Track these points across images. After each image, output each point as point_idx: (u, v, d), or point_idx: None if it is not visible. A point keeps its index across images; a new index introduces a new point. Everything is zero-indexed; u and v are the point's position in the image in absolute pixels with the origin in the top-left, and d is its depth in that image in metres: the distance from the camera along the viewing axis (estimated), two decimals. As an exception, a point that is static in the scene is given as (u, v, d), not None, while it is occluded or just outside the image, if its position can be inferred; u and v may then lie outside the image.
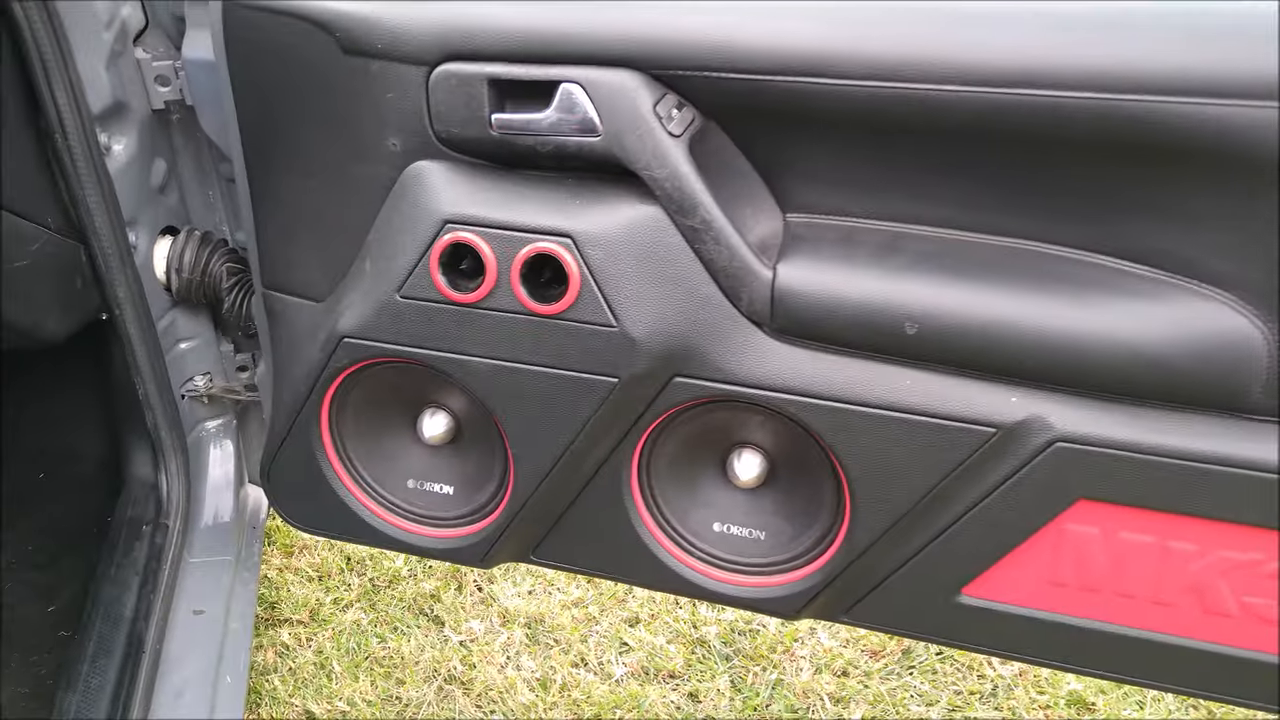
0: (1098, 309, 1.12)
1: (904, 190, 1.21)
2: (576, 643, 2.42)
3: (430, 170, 1.28)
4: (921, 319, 1.15)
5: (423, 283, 1.29)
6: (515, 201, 1.25)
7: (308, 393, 1.46)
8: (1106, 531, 1.20)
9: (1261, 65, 0.97)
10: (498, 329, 1.29)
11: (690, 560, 1.43)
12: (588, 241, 1.21)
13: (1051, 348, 1.13)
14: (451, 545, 1.53)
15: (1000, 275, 1.15)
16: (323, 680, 2.37)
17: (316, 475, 1.54)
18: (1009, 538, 1.23)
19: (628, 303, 1.22)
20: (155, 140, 1.80)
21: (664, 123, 1.16)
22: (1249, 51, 0.98)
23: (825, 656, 2.35)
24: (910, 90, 1.07)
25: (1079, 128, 1.04)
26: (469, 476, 1.52)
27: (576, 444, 1.34)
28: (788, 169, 1.24)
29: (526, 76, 1.20)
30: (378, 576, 2.65)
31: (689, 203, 1.17)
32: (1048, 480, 1.18)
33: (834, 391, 1.21)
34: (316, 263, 1.43)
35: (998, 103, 1.05)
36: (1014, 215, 1.17)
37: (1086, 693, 2.25)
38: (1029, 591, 1.27)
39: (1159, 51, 1.01)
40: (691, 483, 1.41)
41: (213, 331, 2.04)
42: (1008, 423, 1.16)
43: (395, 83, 1.25)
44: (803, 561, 1.38)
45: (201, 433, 2.13)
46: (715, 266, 1.20)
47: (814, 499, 1.35)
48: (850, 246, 1.21)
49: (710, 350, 1.24)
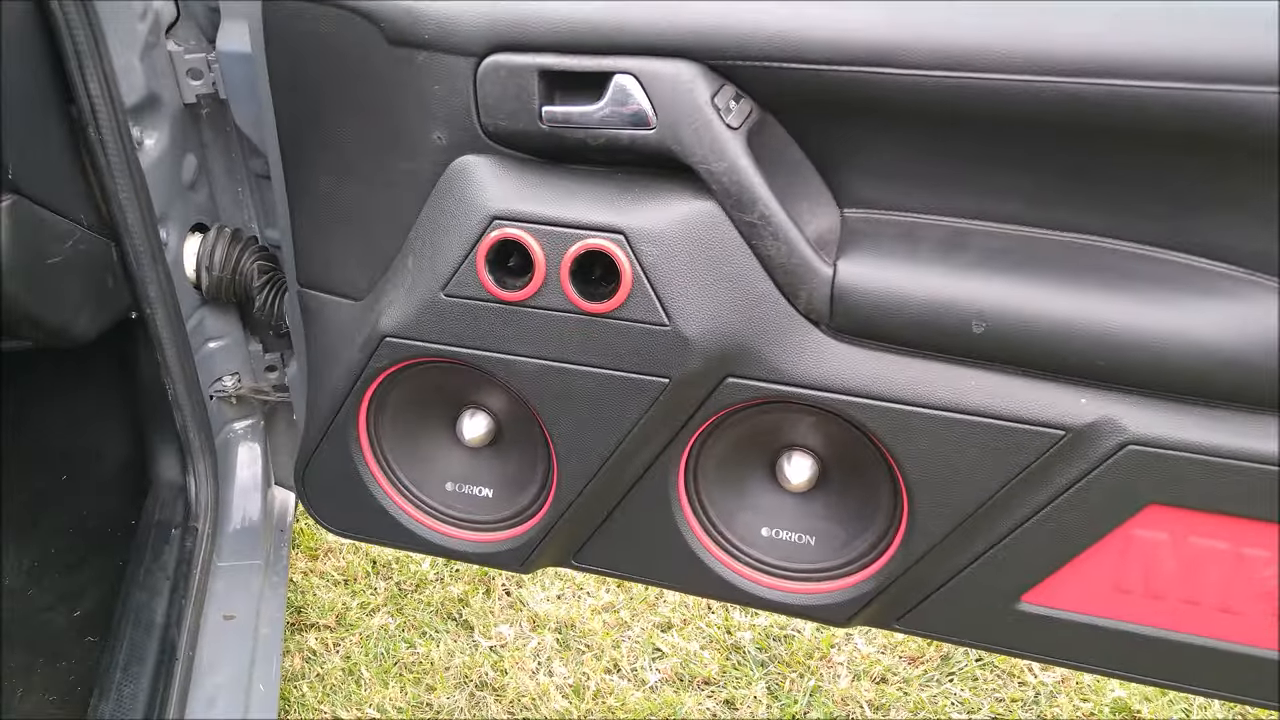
0: (1171, 307, 1.08)
1: (969, 185, 1.17)
2: (609, 649, 2.38)
3: (477, 165, 1.24)
4: (990, 317, 1.11)
5: (468, 281, 1.26)
6: (565, 197, 1.21)
7: (346, 393, 1.42)
8: (1176, 537, 1.16)
9: None
10: (546, 328, 1.25)
11: (737, 565, 1.40)
12: (641, 238, 1.18)
13: (1124, 347, 1.09)
14: (491, 549, 1.50)
15: (1070, 273, 1.11)
16: (351, 686, 2.33)
17: (353, 478, 1.50)
18: (1074, 544, 1.19)
19: (681, 301, 1.19)
20: (186, 135, 1.77)
21: (722, 115, 1.12)
22: None
23: (863, 663, 2.31)
24: (979, 80, 1.03)
25: (1153, 119, 1.00)
26: (509, 479, 1.48)
27: (624, 446, 1.30)
28: (847, 162, 1.21)
29: (578, 68, 1.16)
30: (404, 580, 2.62)
31: (747, 197, 1.14)
32: (1118, 484, 1.14)
33: (895, 392, 1.18)
34: (355, 260, 1.39)
35: (1069, 93, 1.01)
36: (1084, 211, 1.13)
37: (1131, 700, 2.20)
38: (1092, 599, 1.24)
39: (1236, 39, 0.97)
40: (740, 486, 1.38)
41: (241, 331, 2.01)
42: (1078, 425, 1.12)
43: (442, 74, 1.21)
44: (856, 567, 1.34)
45: (229, 434, 2.10)
46: (773, 263, 1.16)
47: (868, 503, 1.31)
48: (913, 243, 1.17)
49: (765, 350, 1.20)
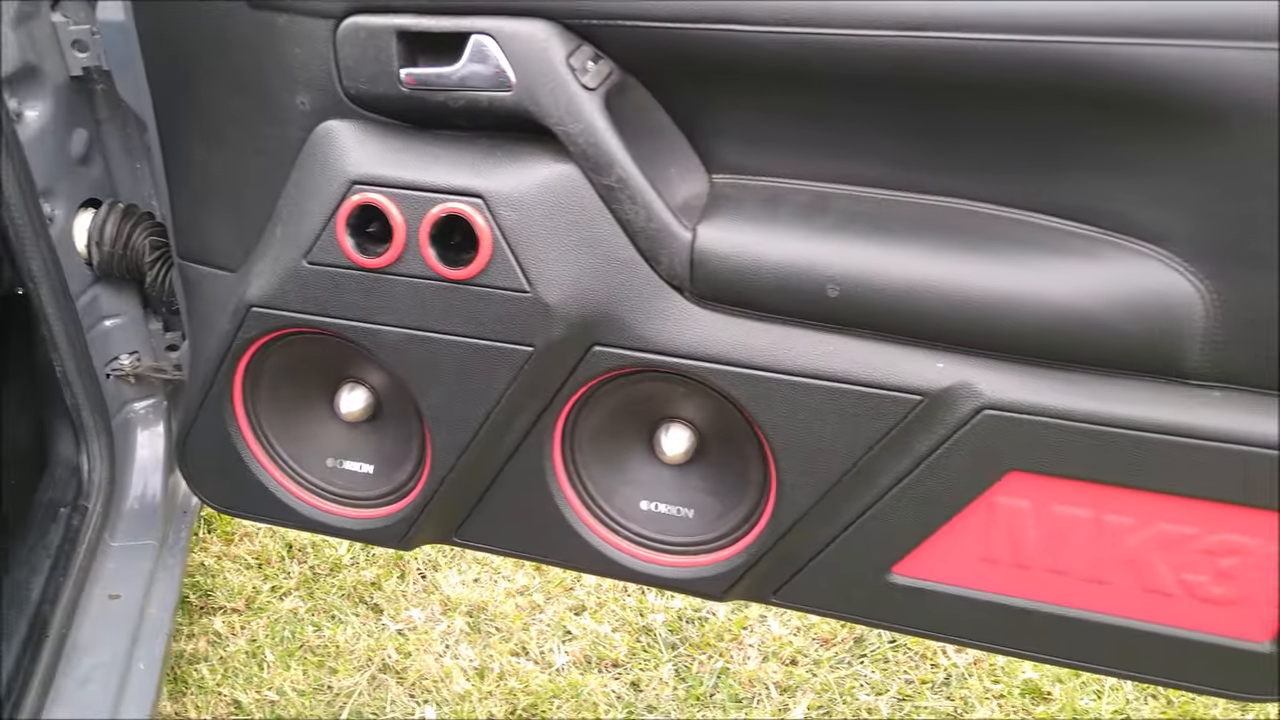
0: (1028, 269, 1.07)
1: (832, 149, 1.16)
2: (518, 631, 2.36)
3: (339, 130, 1.22)
4: (844, 281, 1.10)
5: (330, 248, 1.23)
6: (426, 161, 1.19)
7: (218, 366, 1.40)
8: (1039, 505, 1.16)
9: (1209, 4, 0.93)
10: (408, 296, 1.23)
11: (616, 540, 1.38)
12: (500, 201, 1.16)
13: (979, 310, 1.08)
14: (370, 526, 1.48)
15: (927, 235, 1.11)
16: (254, 669, 2.30)
17: (231, 453, 1.48)
18: (939, 513, 1.19)
19: (542, 266, 1.17)
20: (74, 108, 1.73)
21: (578, 75, 1.10)
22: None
23: (774, 644, 2.30)
24: (826, 37, 1.02)
25: (1002, 75, 1.00)
26: (388, 454, 1.46)
27: (494, 417, 1.28)
28: (712, 127, 1.19)
29: (436, 28, 1.14)
30: (319, 564, 2.59)
31: (604, 159, 1.12)
32: (977, 451, 1.13)
33: (755, 359, 1.16)
34: (229, 231, 1.37)
35: (916, 48, 1.00)
36: (944, 173, 1.12)
37: (1042, 681, 2.21)
38: (961, 570, 1.23)
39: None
40: (618, 459, 1.36)
41: (141, 309, 1.98)
42: (934, 390, 1.11)
43: (302, 37, 1.19)
44: (730, 540, 1.33)
45: (129, 414, 2.06)
46: (633, 227, 1.15)
47: (741, 474, 1.30)
48: (774, 207, 1.16)
49: (629, 317, 1.18)
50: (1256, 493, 1.08)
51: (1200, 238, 1.02)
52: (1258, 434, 1.05)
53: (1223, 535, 1.12)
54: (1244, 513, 1.10)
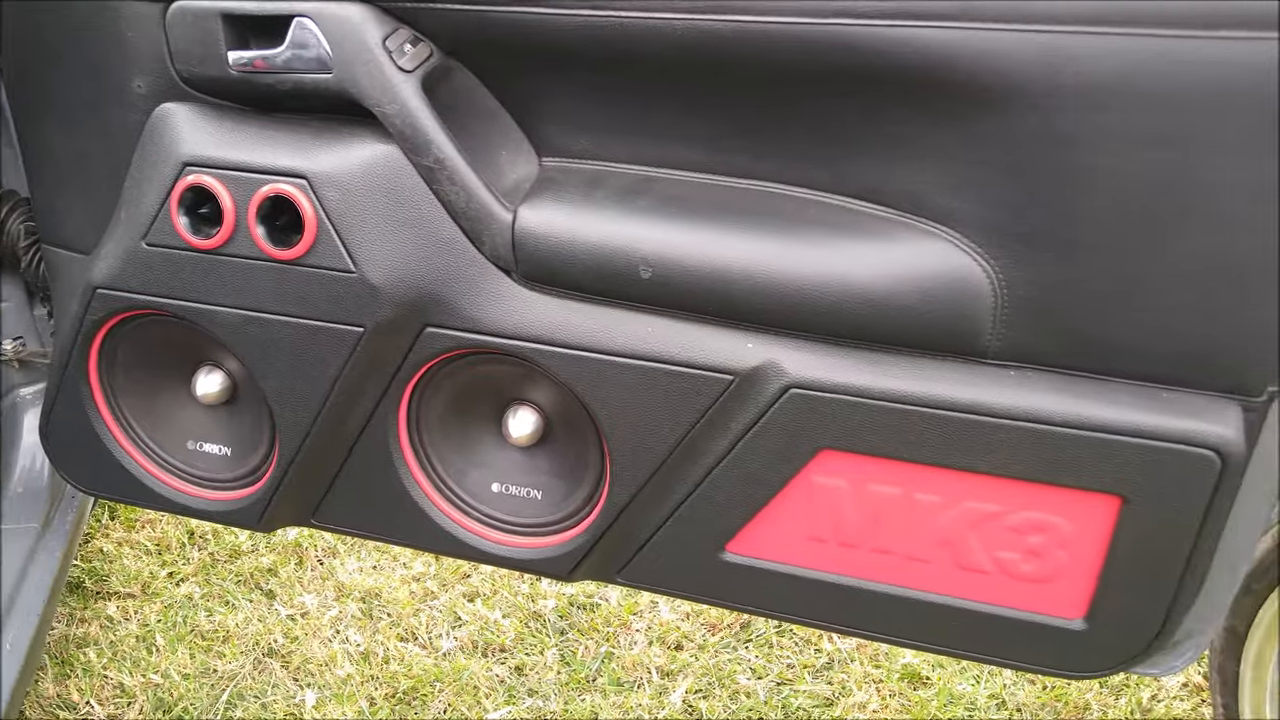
0: (827, 250, 1.10)
1: (651, 132, 1.18)
2: (408, 616, 2.37)
3: (174, 112, 1.23)
4: (656, 263, 1.13)
5: (165, 229, 1.25)
6: (255, 143, 1.20)
7: (71, 347, 1.40)
8: (855, 484, 1.18)
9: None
10: (240, 277, 1.24)
11: (467, 522, 1.40)
12: (323, 182, 1.17)
13: (782, 291, 1.10)
14: (227, 508, 1.48)
15: (733, 218, 1.13)
16: (142, 653, 2.30)
17: (91, 435, 1.48)
18: (760, 491, 1.21)
19: (367, 246, 1.18)
20: (-56, 94, 1.73)
21: (394, 57, 1.12)
22: None
23: (661, 629, 2.33)
24: (619, 19, 1.05)
25: (786, 58, 1.02)
26: (244, 437, 1.47)
27: (334, 399, 1.30)
28: (539, 111, 1.21)
29: (259, 11, 1.16)
30: (218, 550, 2.59)
31: (421, 140, 1.14)
32: (788, 429, 1.16)
33: (580, 340, 1.18)
34: (83, 214, 1.37)
35: (716, 30, 1.03)
36: (753, 156, 1.15)
37: (921, 666, 2.24)
38: (790, 548, 1.25)
39: None
40: (468, 441, 1.38)
41: (25, 295, 1.97)
42: (744, 369, 1.14)
43: (135, 20, 1.20)
44: (574, 521, 1.35)
45: (15, 399, 2.06)
46: (454, 208, 1.17)
47: (582, 456, 1.32)
48: (593, 188, 1.18)
49: (458, 298, 1.20)
50: (1056, 470, 1.11)
51: (984, 219, 1.05)
52: (1050, 411, 1.08)
53: (1029, 513, 1.15)
54: (1048, 490, 1.13)
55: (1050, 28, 0.94)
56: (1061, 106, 0.97)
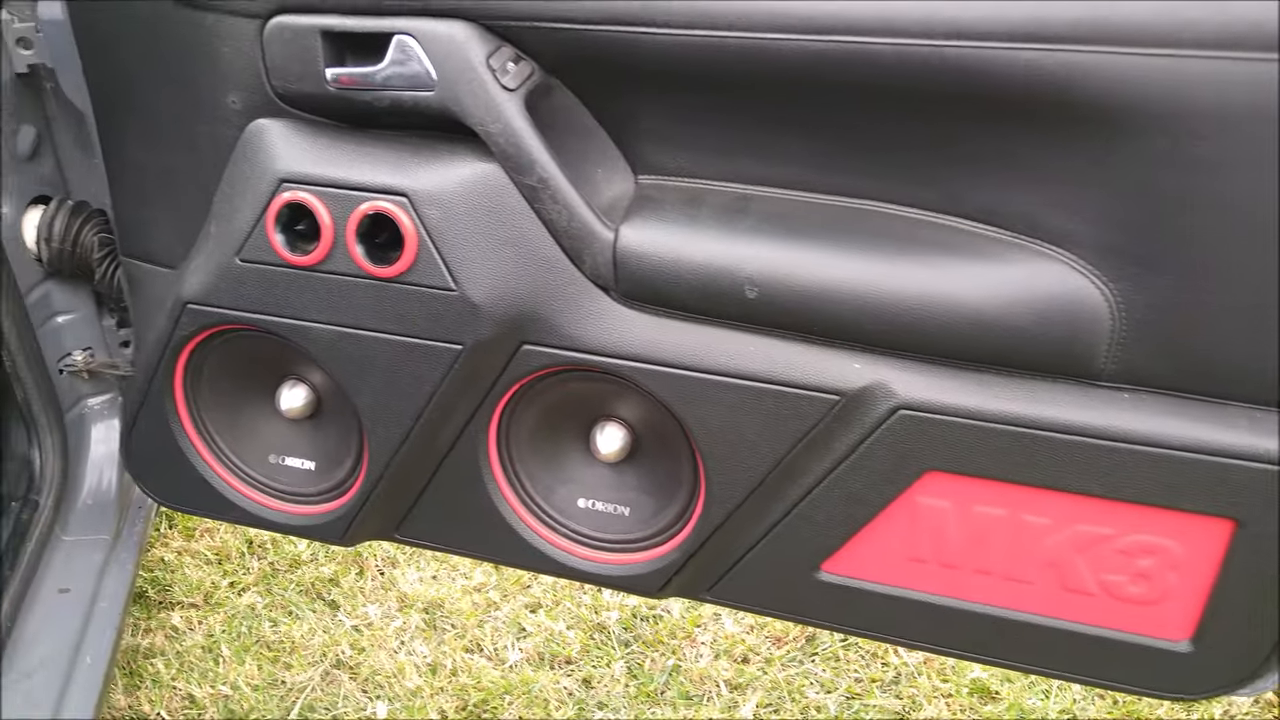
0: (939, 271, 1.08)
1: (752, 150, 1.17)
2: (473, 628, 2.37)
3: (269, 128, 1.23)
4: (762, 282, 1.11)
5: (261, 245, 1.24)
6: (353, 159, 1.20)
7: (158, 362, 1.40)
8: (959, 505, 1.17)
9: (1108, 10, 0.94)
10: (337, 293, 1.24)
11: (554, 537, 1.39)
12: (424, 200, 1.16)
13: (892, 312, 1.09)
14: (312, 522, 1.48)
15: (841, 237, 1.12)
16: (209, 664, 2.30)
17: (174, 448, 1.48)
18: (862, 511, 1.20)
19: (468, 265, 1.18)
20: (21, 105, 1.73)
21: (498, 76, 1.11)
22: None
23: (726, 642, 2.32)
24: (737, 40, 1.03)
25: (908, 79, 1.01)
26: (329, 451, 1.47)
27: (427, 415, 1.29)
28: (635, 129, 1.20)
29: (360, 29, 1.15)
30: (278, 560, 2.60)
31: (525, 160, 1.13)
32: (894, 450, 1.14)
33: (680, 359, 1.17)
34: (169, 228, 1.37)
35: (826, 52, 1.01)
36: (860, 175, 1.13)
37: (990, 681, 2.22)
38: (888, 568, 1.24)
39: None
40: (556, 457, 1.37)
41: (94, 306, 1.98)
42: (851, 390, 1.13)
43: (230, 36, 1.20)
44: (664, 537, 1.34)
45: (84, 409, 2.07)
46: (556, 227, 1.16)
47: (673, 473, 1.31)
48: (695, 207, 1.17)
49: (557, 316, 1.19)
50: (1170, 494, 1.09)
51: (1104, 241, 1.03)
52: (1165, 435, 1.06)
53: (1139, 536, 1.13)
54: (1159, 513, 1.11)
55: (1181, 52, 0.93)
56: (1190, 131, 0.95)
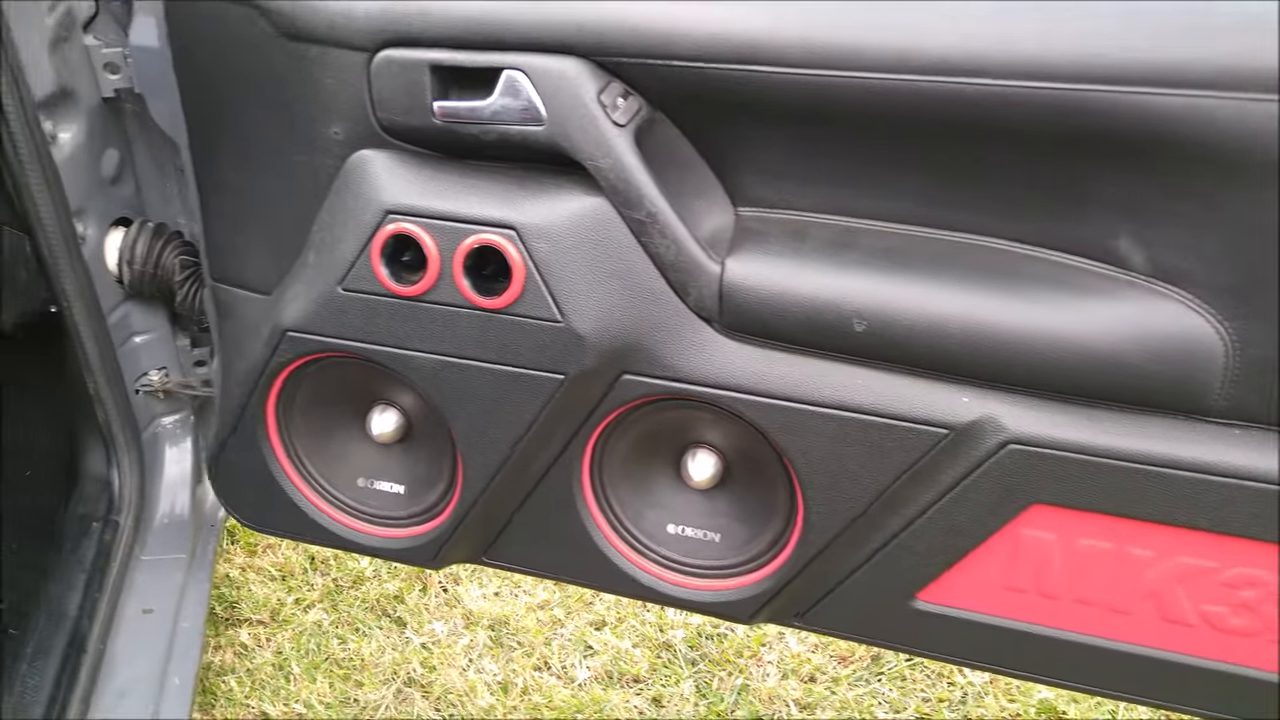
0: (1052, 306, 1.09)
1: (858, 184, 1.17)
2: (540, 646, 2.38)
3: (373, 160, 1.24)
4: (870, 316, 1.12)
5: (365, 275, 1.26)
6: (459, 192, 1.21)
7: (252, 388, 1.42)
8: (1064, 537, 1.17)
9: (1230, 56, 0.94)
10: (441, 323, 1.25)
11: (644, 563, 1.40)
12: (532, 233, 1.18)
13: (1004, 347, 1.09)
14: (402, 545, 1.50)
15: (953, 271, 1.12)
16: (280, 681, 2.32)
17: (264, 472, 1.50)
18: (963, 542, 1.20)
19: (574, 297, 1.19)
20: (106, 129, 1.76)
21: (608, 111, 1.12)
22: (1217, 43, 0.95)
23: (793, 662, 2.32)
24: (857, 80, 1.04)
25: (1034, 120, 1.01)
26: (419, 475, 1.48)
27: (525, 443, 1.30)
28: (738, 162, 1.21)
29: (469, 63, 1.16)
30: (341, 576, 2.61)
31: (634, 195, 1.14)
32: (1001, 484, 1.14)
33: (784, 390, 1.18)
34: (263, 255, 1.39)
35: (946, 92, 1.02)
36: (969, 210, 1.14)
37: (1058, 701, 2.21)
38: (986, 597, 1.24)
39: (1120, 41, 0.97)
40: (646, 483, 1.38)
41: (169, 326, 2.00)
42: (959, 423, 1.13)
43: (336, 69, 1.21)
44: (757, 565, 1.35)
45: (158, 428, 2.09)
46: (663, 261, 1.17)
47: (768, 501, 1.31)
48: (800, 241, 1.18)
49: (659, 347, 1.20)
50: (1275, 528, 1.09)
51: (1220, 281, 1.03)
52: (1275, 471, 1.07)
53: (1244, 569, 1.13)
54: (1264, 547, 1.11)
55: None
56: None
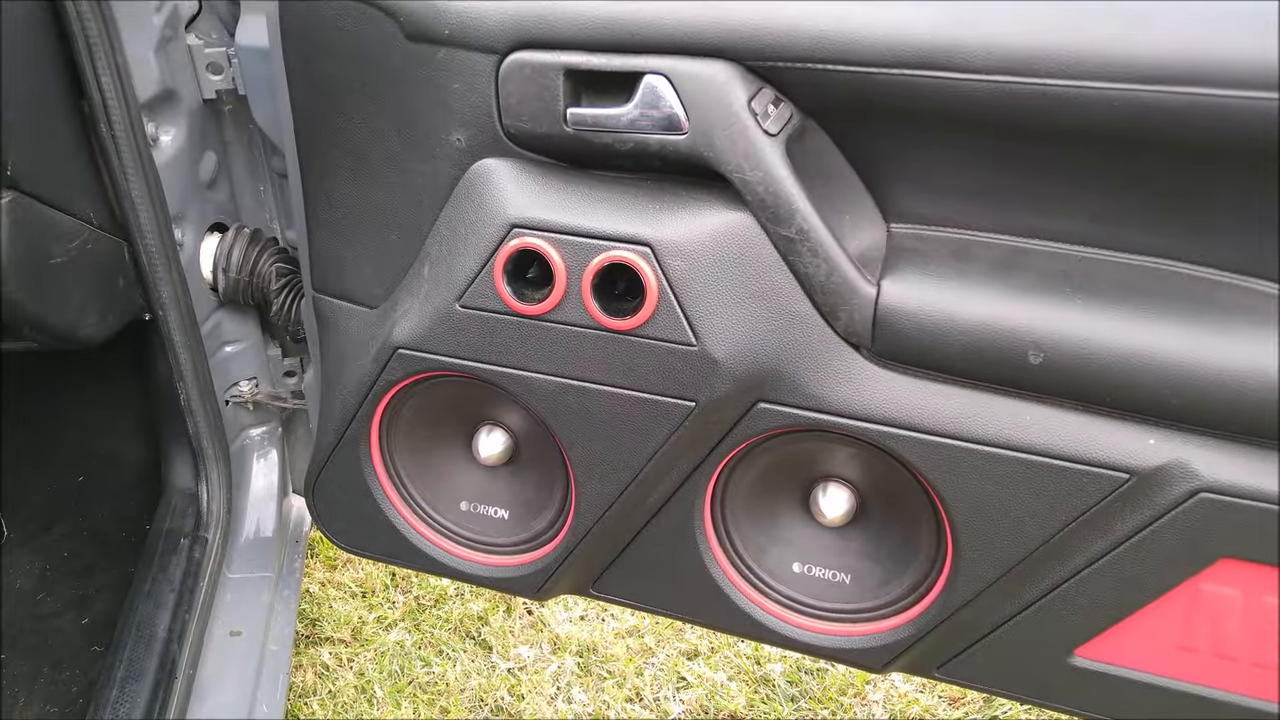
0: (1253, 341, 0.97)
1: (1029, 200, 1.07)
2: (631, 676, 2.29)
3: (497, 169, 1.16)
4: (1048, 347, 1.01)
5: (485, 292, 1.18)
6: (589, 205, 1.13)
7: (358, 405, 1.35)
8: (1251, 594, 1.06)
9: None
10: (565, 344, 1.17)
11: (765, 603, 1.31)
12: (668, 251, 1.09)
13: (1198, 384, 0.98)
14: (505, 574, 1.42)
15: (1140, 300, 1.01)
16: (364, 705, 2.25)
17: (364, 493, 1.43)
18: (1135, 597, 1.09)
19: (711, 319, 1.10)
20: (205, 131, 1.70)
21: (759, 120, 1.03)
22: None
23: (900, 702, 2.21)
24: (1042, 86, 0.93)
25: (1243, 132, 0.90)
26: (526, 501, 1.40)
27: (646, 472, 1.22)
28: (896, 173, 1.11)
29: (606, 67, 1.07)
30: (423, 595, 2.54)
31: (785, 209, 1.05)
32: (1188, 535, 1.03)
33: (942, 425, 1.08)
34: (371, 266, 1.32)
35: (1147, 102, 0.91)
36: (1156, 231, 1.03)
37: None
38: (1153, 656, 1.14)
39: None
40: (770, 517, 1.29)
41: (260, 334, 1.95)
42: (1144, 468, 1.02)
43: (462, 72, 1.13)
44: (893, 610, 1.25)
45: (245, 440, 2.03)
46: (811, 282, 1.07)
47: (909, 542, 1.22)
48: (965, 262, 1.07)
49: (800, 374, 1.11)
50: None
51: None
52: None
53: None
54: None
55: None
56: None
